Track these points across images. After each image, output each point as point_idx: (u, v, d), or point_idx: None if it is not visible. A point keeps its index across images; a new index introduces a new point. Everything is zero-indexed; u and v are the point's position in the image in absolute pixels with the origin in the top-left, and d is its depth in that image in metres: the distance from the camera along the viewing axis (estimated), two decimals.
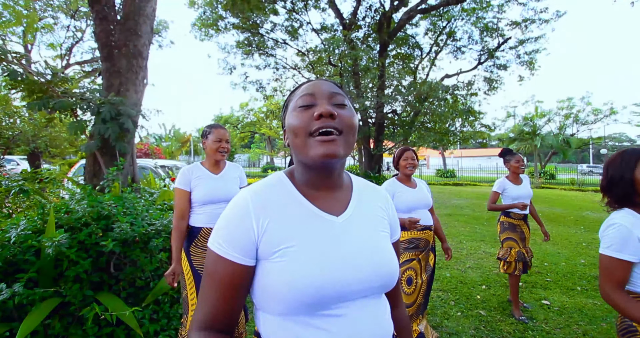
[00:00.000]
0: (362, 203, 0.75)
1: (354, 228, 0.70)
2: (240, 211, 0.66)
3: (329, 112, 0.64)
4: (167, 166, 6.59)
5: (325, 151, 0.63)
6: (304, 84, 0.74)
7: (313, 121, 0.65)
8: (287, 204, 0.68)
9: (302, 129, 0.65)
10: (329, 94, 0.69)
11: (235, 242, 0.64)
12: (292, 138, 0.68)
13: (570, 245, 5.44)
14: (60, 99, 3.00)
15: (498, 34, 12.69)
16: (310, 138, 0.64)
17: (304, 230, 0.66)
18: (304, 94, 0.69)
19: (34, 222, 2.10)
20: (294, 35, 13.37)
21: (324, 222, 0.68)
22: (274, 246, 0.64)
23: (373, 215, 0.76)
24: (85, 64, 13.90)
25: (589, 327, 2.71)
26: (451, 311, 2.99)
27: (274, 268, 0.63)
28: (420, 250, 2.36)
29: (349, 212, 0.72)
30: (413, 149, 2.49)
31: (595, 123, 23.26)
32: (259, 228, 0.64)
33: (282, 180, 0.73)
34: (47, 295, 1.86)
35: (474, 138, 14.34)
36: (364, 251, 0.68)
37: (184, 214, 1.99)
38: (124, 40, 3.62)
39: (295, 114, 0.68)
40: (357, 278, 0.65)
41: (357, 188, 0.78)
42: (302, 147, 0.65)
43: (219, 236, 0.65)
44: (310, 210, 0.68)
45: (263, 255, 0.64)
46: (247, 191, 0.69)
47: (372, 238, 0.71)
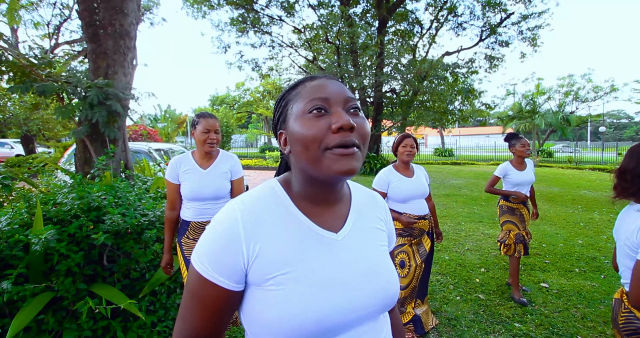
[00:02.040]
0: (361, 215, 0.69)
1: (354, 246, 0.63)
2: (228, 232, 0.57)
3: (349, 124, 0.55)
4: (162, 150, 6.46)
5: (344, 167, 0.54)
6: (307, 81, 0.63)
7: (330, 134, 0.55)
8: (282, 222, 0.60)
9: (315, 142, 0.55)
10: (345, 99, 0.59)
11: (221, 266, 0.56)
12: (300, 149, 0.57)
13: (568, 225, 5.46)
14: (44, 83, 2.85)
15: (500, 9, 12.28)
16: (327, 152, 0.55)
17: (301, 252, 0.58)
18: (315, 97, 0.58)
19: (21, 215, 2.02)
20: (290, 12, 12.89)
21: (323, 241, 0.61)
22: (268, 272, 0.56)
23: (372, 227, 0.70)
24: (75, 43, 13.42)
25: (587, 310, 2.73)
26: (450, 295, 2.99)
27: (267, 298, 0.55)
28: (414, 237, 2.39)
29: (348, 227, 0.65)
30: (413, 136, 2.41)
31: (595, 101, 23.04)
32: (249, 253, 0.56)
33: (276, 192, 0.64)
34: (38, 291, 1.81)
35: (473, 117, 14.18)
36: (367, 272, 0.62)
37: (175, 205, 1.95)
38: (109, 19, 3.41)
39: (304, 121, 0.57)
40: (361, 303, 0.59)
41: (356, 199, 0.71)
42: (314, 162, 0.56)
43: (203, 257, 0.57)
44: (308, 228, 0.61)
45: (254, 281, 0.57)
46: (237, 207, 0.60)
47: (374, 256, 0.65)
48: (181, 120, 26.00)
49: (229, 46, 13.76)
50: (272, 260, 0.56)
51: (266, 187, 0.65)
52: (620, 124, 61.61)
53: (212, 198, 1.95)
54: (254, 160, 18.11)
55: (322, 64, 13.37)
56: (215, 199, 1.97)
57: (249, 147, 37.02)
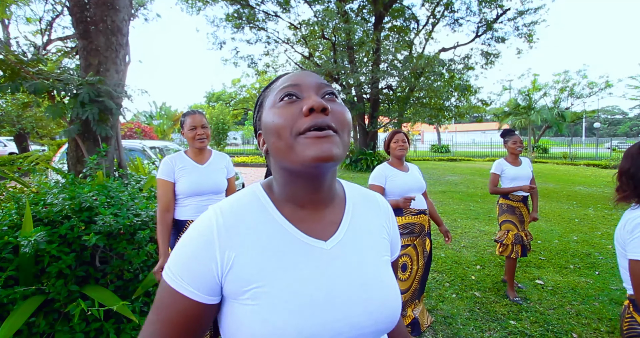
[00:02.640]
0: (357, 220, 0.62)
1: (346, 256, 0.56)
2: (203, 239, 0.52)
3: (321, 105, 0.50)
4: (157, 147, 6.41)
5: (319, 151, 0.48)
6: (281, 77, 0.60)
7: (301, 118, 0.51)
8: (262, 229, 0.54)
9: (286, 128, 0.51)
10: (317, 85, 0.55)
11: (194, 275, 0.51)
12: (273, 140, 0.53)
13: (563, 221, 5.48)
14: (34, 81, 2.80)
15: (496, 4, 12.25)
16: (299, 137, 0.50)
17: (281, 263, 0.52)
18: (285, 85, 0.55)
19: (11, 216, 1.98)
20: (286, 7, 12.78)
21: (308, 250, 0.54)
22: (244, 284, 0.51)
23: (371, 234, 0.62)
24: (67, 39, 13.23)
25: (582, 307, 2.74)
26: (446, 293, 2.99)
27: (243, 313, 0.50)
28: (416, 235, 2.31)
29: (340, 234, 0.58)
30: (404, 131, 2.39)
31: (590, 96, 23.15)
32: (223, 262, 0.51)
33: (258, 197, 0.59)
34: (28, 293, 1.79)
35: (469, 113, 14.20)
36: (360, 288, 0.54)
37: (169, 206, 1.90)
38: (100, 15, 3.35)
39: (275, 110, 0.53)
40: (351, 325, 0.52)
41: (351, 201, 0.64)
42: (287, 150, 0.51)
43: (173, 265, 0.52)
44: (291, 235, 0.55)
45: (230, 294, 0.52)
46: (214, 212, 0.55)
47: (370, 269, 0.57)
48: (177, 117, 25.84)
49: (225, 42, 13.65)
50: (248, 271, 0.51)
51: (248, 191, 0.60)
52: (614, 119, 62.03)
53: (212, 192, 1.94)
54: (250, 157, 18.04)
55: (318, 60, 13.30)
56: (214, 194, 1.96)
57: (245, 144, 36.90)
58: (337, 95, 0.58)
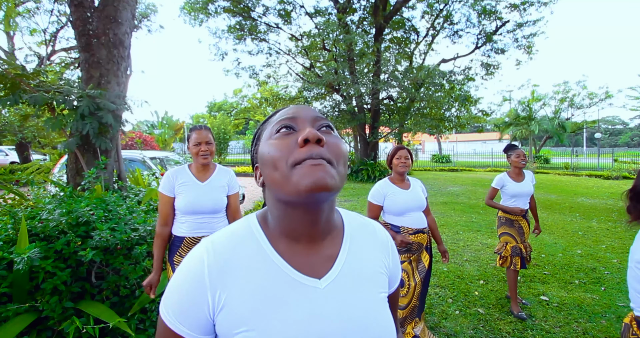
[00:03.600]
0: (354, 255, 0.60)
1: (340, 295, 0.54)
2: (193, 278, 0.52)
3: (316, 136, 0.50)
4: (157, 158, 6.39)
5: (314, 180, 0.47)
6: (279, 110, 0.62)
7: (297, 149, 0.51)
8: (254, 268, 0.53)
9: (282, 159, 0.51)
10: (313, 118, 0.57)
11: (186, 316, 0.51)
12: (268, 172, 0.52)
13: (566, 234, 5.41)
14: (33, 94, 2.80)
15: (496, 17, 12.40)
16: (295, 168, 0.50)
17: (273, 304, 0.51)
18: (282, 118, 0.57)
19: (6, 231, 1.95)
20: (287, 19, 12.95)
21: (301, 290, 0.53)
22: (234, 326, 0.50)
23: (369, 270, 0.60)
24: (71, 50, 13.39)
25: (588, 325, 2.67)
26: (449, 309, 2.93)
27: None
28: (413, 252, 2.30)
29: (336, 271, 0.56)
30: (407, 148, 2.37)
31: (590, 107, 23.23)
32: (214, 303, 0.51)
33: (252, 231, 0.58)
34: (21, 311, 1.75)
35: (470, 124, 14.23)
36: (353, 329, 0.53)
37: (167, 221, 1.88)
38: (102, 28, 3.38)
39: (271, 142, 0.54)
40: None
41: (349, 234, 0.62)
42: (282, 181, 0.50)
43: (168, 305, 0.53)
44: (284, 274, 0.53)
45: (222, 334, 0.52)
46: (205, 248, 0.55)
47: (364, 308, 0.56)
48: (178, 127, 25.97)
49: (226, 53, 13.78)
50: (238, 313, 0.50)
51: (243, 224, 0.59)
52: (615, 130, 62.15)
53: (210, 211, 1.90)
54: (251, 167, 18.03)
55: (319, 71, 13.41)
56: (213, 213, 1.92)
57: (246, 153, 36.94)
58: (333, 128, 0.59)
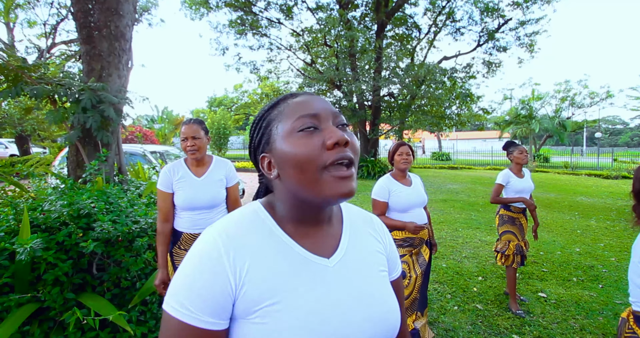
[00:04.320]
0: (355, 237, 0.63)
1: (348, 272, 0.58)
2: (211, 262, 0.51)
3: (344, 139, 0.52)
4: (158, 152, 6.39)
5: (344, 190, 0.51)
6: (288, 98, 0.59)
7: (324, 151, 0.51)
8: (267, 248, 0.55)
9: (312, 162, 0.51)
10: (333, 114, 0.56)
11: (208, 303, 0.49)
12: (293, 172, 0.53)
13: (565, 232, 5.44)
14: (35, 86, 2.79)
15: (498, 14, 12.35)
16: (324, 172, 0.51)
17: (289, 280, 0.53)
18: (304, 114, 0.54)
19: (8, 222, 1.96)
20: (289, 15, 12.89)
21: (314, 268, 0.55)
22: (254, 303, 0.51)
23: (369, 250, 0.63)
24: (71, 43, 13.32)
25: (586, 321, 2.69)
26: (448, 305, 2.95)
27: (252, 332, 0.50)
28: (414, 246, 2.34)
29: (342, 251, 0.59)
30: (409, 144, 2.37)
31: (591, 106, 23.21)
32: (237, 281, 0.51)
33: (260, 216, 0.59)
34: (23, 301, 1.75)
35: (470, 122, 14.22)
36: (363, 303, 0.56)
37: (168, 217, 1.88)
38: (104, 20, 3.36)
39: (295, 140, 0.52)
40: (356, 337, 0.54)
41: (348, 219, 0.66)
42: (311, 184, 0.51)
43: (183, 298, 0.49)
44: (297, 253, 0.56)
45: (239, 313, 0.51)
46: (217, 233, 0.54)
47: (371, 284, 0.59)
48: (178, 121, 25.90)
49: (227, 48, 13.74)
50: (258, 290, 0.51)
51: (248, 210, 0.60)
52: (615, 129, 62.13)
53: (207, 207, 1.90)
54: (251, 162, 18.04)
55: (320, 67, 13.37)
56: (210, 208, 1.91)
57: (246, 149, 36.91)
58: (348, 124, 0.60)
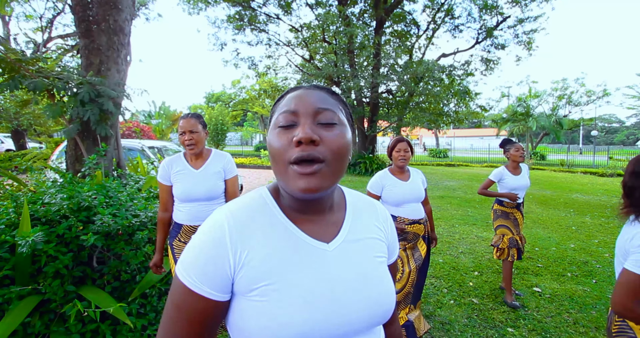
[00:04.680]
0: (356, 223, 0.66)
1: (347, 257, 0.61)
2: (215, 241, 0.55)
3: (309, 137, 0.53)
4: (156, 147, 6.38)
5: (305, 185, 0.53)
6: (290, 91, 0.63)
7: (292, 147, 0.54)
8: (270, 231, 0.58)
9: (280, 156, 0.55)
10: (314, 111, 0.57)
11: (209, 276, 0.54)
12: (271, 161, 0.58)
13: (560, 229, 5.49)
14: (33, 79, 2.78)
15: (497, 12, 12.34)
16: (290, 167, 0.54)
17: (288, 262, 0.56)
18: (284, 110, 0.58)
19: (8, 215, 1.97)
20: (287, 10, 12.83)
21: (312, 252, 0.58)
22: (253, 282, 0.55)
23: (369, 237, 0.66)
24: (68, 37, 13.20)
25: (579, 315, 2.74)
26: (444, 299, 2.99)
27: (251, 308, 0.54)
28: (408, 241, 2.37)
29: (342, 237, 0.62)
30: (407, 139, 2.39)
31: (587, 105, 23.28)
32: (236, 262, 0.55)
33: (265, 201, 0.62)
34: (24, 293, 1.77)
35: (468, 119, 14.26)
36: (359, 286, 0.59)
37: (167, 207, 1.95)
38: (102, 14, 3.35)
39: (274, 134, 0.58)
40: (351, 317, 0.57)
41: (351, 205, 0.68)
42: (281, 174, 0.56)
43: (189, 266, 0.55)
44: (296, 237, 0.59)
45: (239, 290, 0.55)
46: (224, 214, 0.58)
47: (368, 268, 0.62)
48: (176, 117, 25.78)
49: (225, 43, 13.66)
50: (258, 270, 0.55)
51: (255, 195, 0.64)
52: (611, 128, 62.47)
53: (205, 198, 1.92)
54: (249, 159, 18.00)
55: (318, 63, 13.33)
56: (208, 200, 1.94)
57: (244, 145, 36.87)
58: (339, 113, 0.60)
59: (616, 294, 1.12)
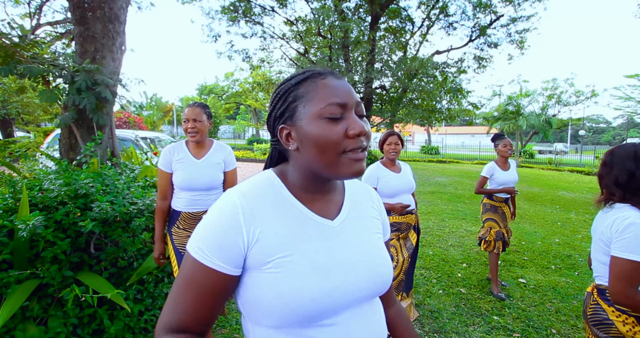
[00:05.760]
0: (355, 204, 0.73)
1: (350, 232, 0.67)
2: (229, 219, 0.59)
3: (365, 132, 0.60)
4: (148, 138, 6.34)
5: (356, 170, 0.60)
6: (316, 77, 0.62)
7: (346, 139, 0.59)
8: (280, 210, 0.63)
9: (333, 147, 0.59)
10: (356, 103, 0.62)
11: (222, 251, 0.58)
12: (315, 152, 0.59)
13: (546, 224, 5.65)
14: (29, 64, 2.76)
15: (491, 10, 12.43)
16: (342, 156, 0.59)
17: (299, 236, 0.61)
18: (333, 102, 0.59)
19: (5, 200, 1.97)
20: (283, 3, 12.72)
21: (319, 227, 0.64)
22: (267, 256, 0.59)
23: (367, 216, 0.73)
24: (57, 24, 12.89)
25: (561, 305, 2.86)
26: (433, 289, 3.08)
27: (266, 280, 0.58)
28: (401, 231, 2.46)
29: (344, 214, 0.68)
30: (398, 133, 2.47)
31: (576, 105, 23.67)
32: (249, 238, 0.59)
33: (273, 182, 0.67)
34: (22, 277, 1.79)
35: (460, 116, 14.40)
36: (362, 257, 0.65)
37: (166, 195, 1.96)
38: (98, 1, 3.31)
39: (321, 125, 0.59)
40: (355, 286, 0.62)
41: (349, 189, 0.75)
42: (329, 164, 0.60)
43: (202, 242, 0.59)
44: (305, 215, 0.64)
45: (253, 265, 0.60)
46: (235, 194, 0.62)
47: (368, 242, 0.69)
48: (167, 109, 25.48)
49: (220, 35, 13.49)
50: (272, 244, 0.59)
51: (263, 177, 0.68)
52: (599, 128, 63.71)
53: (204, 188, 1.95)
54: (242, 152, 17.94)
55: (313, 57, 13.29)
56: (207, 190, 1.97)
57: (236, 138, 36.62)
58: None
59: (613, 285, 1.14)
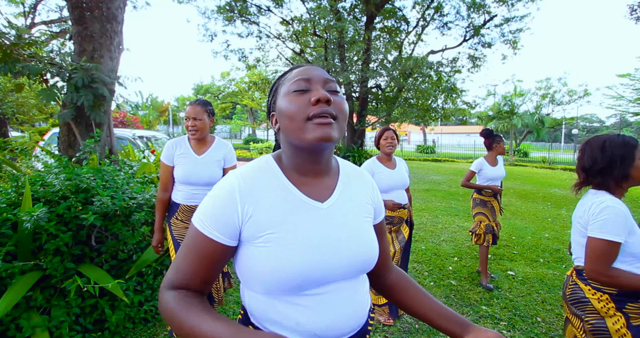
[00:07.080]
0: (348, 188, 0.77)
1: (337, 214, 0.72)
2: (226, 195, 0.67)
3: (326, 97, 0.65)
4: (145, 137, 6.39)
5: (321, 134, 0.64)
6: (294, 68, 0.74)
7: (310, 106, 0.65)
8: (273, 190, 0.69)
9: (298, 114, 0.65)
10: (324, 80, 0.70)
11: (219, 224, 0.66)
12: (286, 122, 0.67)
13: (537, 220, 5.77)
14: (27, 63, 2.81)
15: (485, 10, 12.56)
16: (307, 122, 0.65)
17: (288, 216, 0.68)
18: (298, 78, 0.69)
19: (8, 195, 2.03)
20: (279, 2, 12.77)
21: (309, 209, 0.70)
22: (259, 231, 0.66)
23: (358, 200, 0.78)
24: (52, 24, 12.84)
25: (547, 295, 2.96)
26: (425, 281, 3.17)
27: (258, 253, 0.66)
28: (394, 224, 2.55)
29: (334, 198, 0.74)
30: (394, 129, 2.55)
31: (569, 104, 23.94)
32: (243, 214, 0.66)
33: (269, 164, 0.74)
34: (26, 268, 1.85)
35: (455, 115, 14.53)
36: (347, 237, 0.71)
37: (167, 187, 2.03)
38: (96, 1, 3.37)
39: (289, 98, 0.68)
40: (339, 263, 0.69)
41: (344, 173, 0.80)
42: (297, 131, 0.66)
43: (203, 215, 0.67)
44: (296, 196, 0.70)
45: (247, 239, 0.67)
46: (234, 176, 0.70)
47: (354, 224, 0.74)
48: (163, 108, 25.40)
49: (215, 34, 13.51)
50: (263, 221, 0.66)
51: (261, 160, 0.75)
52: (592, 127, 64.31)
53: (203, 184, 2.02)
54: (238, 151, 17.98)
55: (309, 57, 13.37)
56: (206, 186, 2.03)
57: (232, 138, 36.57)
58: (339, 90, 0.74)
59: (589, 263, 1.24)
